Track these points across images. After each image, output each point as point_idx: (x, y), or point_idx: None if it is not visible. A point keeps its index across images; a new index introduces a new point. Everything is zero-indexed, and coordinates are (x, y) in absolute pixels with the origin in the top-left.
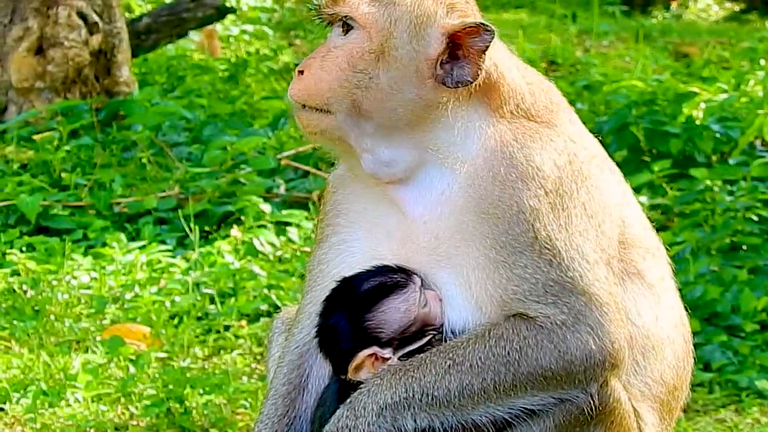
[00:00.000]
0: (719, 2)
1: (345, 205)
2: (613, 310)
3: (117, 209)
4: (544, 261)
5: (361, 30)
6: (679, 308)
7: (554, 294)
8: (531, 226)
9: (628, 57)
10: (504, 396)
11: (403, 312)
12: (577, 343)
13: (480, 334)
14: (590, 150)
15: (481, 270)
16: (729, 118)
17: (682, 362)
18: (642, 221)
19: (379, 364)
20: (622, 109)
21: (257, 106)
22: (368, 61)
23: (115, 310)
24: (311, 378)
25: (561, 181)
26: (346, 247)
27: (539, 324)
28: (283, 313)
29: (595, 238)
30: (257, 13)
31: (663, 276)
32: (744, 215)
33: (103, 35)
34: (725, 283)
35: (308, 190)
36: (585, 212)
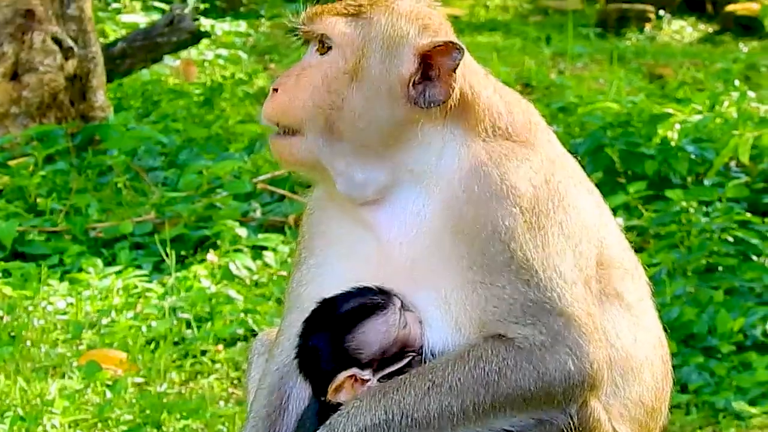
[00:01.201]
0: (693, 24)
1: (321, 228)
2: (591, 331)
3: (93, 234)
4: (522, 281)
5: (337, 49)
6: (657, 329)
7: (533, 314)
8: (507, 246)
9: (603, 79)
10: (483, 417)
11: (383, 333)
12: (556, 364)
13: (459, 356)
14: (568, 170)
15: (459, 290)
16: (704, 139)
17: (660, 383)
18: (620, 242)
19: (358, 386)
20: (597, 130)
21: (233, 130)
22: (342, 80)
23: (91, 336)
24: (291, 400)
25: (537, 200)
26: (324, 270)
27: (518, 345)
28: (262, 335)
29: (572, 258)
30: (232, 37)
31: (641, 297)
32: (720, 236)
33: (78, 60)
34: (701, 304)
35: (284, 214)
36: (562, 232)
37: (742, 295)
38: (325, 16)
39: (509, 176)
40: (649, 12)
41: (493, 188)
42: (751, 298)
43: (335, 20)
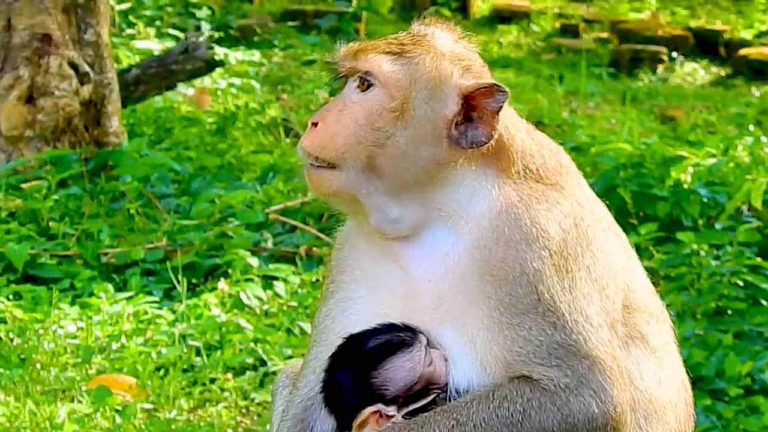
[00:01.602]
0: (705, 66)
1: (349, 262)
2: (616, 374)
3: (104, 259)
4: (548, 323)
5: (381, 88)
6: (681, 373)
7: (558, 357)
8: (535, 288)
9: (615, 119)
10: None
11: (408, 370)
12: (580, 407)
13: (484, 395)
14: (597, 214)
15: (485, 330)
16: (716, 182)
17: (683, 426)
18: (646, 286)
19: (383, 421)
20: (609, 170)
21: (245, 160)
22: (387, 119)
23: (101, 360)
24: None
25: (566, 244)
26: (350, 305)
27: (543, 386)
28: (288, 368)
29: (599, 302)
30: (245, 66)
31: (666, 340)
32: (730, 280)
33: (93, 85)
34: (710, 347)
35: (296, 244)
36: (589, 275)
37: (751, 339)
38: (369, 54)
39: (539, 219)
40: (662, 53)
41: (524, 231)
42: (760, 343)
43: (380, 58)
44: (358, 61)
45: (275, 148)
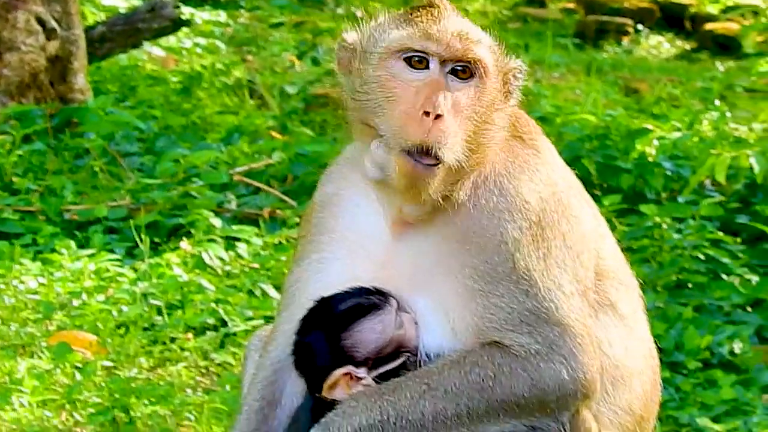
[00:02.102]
0: (670, 40)
1: (331, 224)
2: (586, 342)
3: (67, 216)
4: (521, 291)
5: (485, 78)
6: (649, 341)
7: (529, 324)
8: (511, 257)
9: (579, 89)
10: (477, 422)
11: (378, 333)
12: (551, 373)
13: (455, 361)
14: (569, 180)
15: (459, 297)
16: (681, 156)
17: (649, 394)
18: (616, 253)
19: (353, 383)
20: (574, 142)
21: (210, 120)
22: (490, 110)
23: (61, 317)
24: (285, 394)
25: (544, 213)
26: (325, 266)
27: (514, 353)
28: (259, 331)
29: (572, 269)
30: (210, 27)
31: (635, 308)
32: (691, 254)
33: (60, 42)
34: (670, 320)
35: (259, 206)
36: (564, 243)
37: (711, 313)
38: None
39: (522, 189)
40: (627, 25)
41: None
42: (719, 317)
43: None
44: (468, 49)
45: (240, 110)
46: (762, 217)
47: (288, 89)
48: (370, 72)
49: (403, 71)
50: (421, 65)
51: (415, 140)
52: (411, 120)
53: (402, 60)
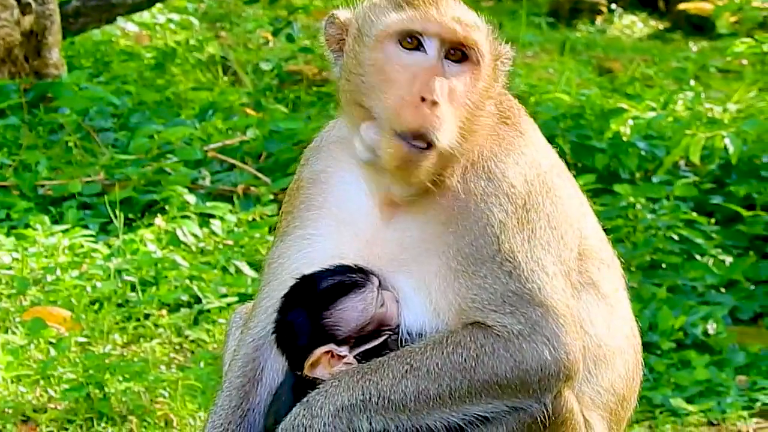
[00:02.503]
0: (644, 20)
1: (319, 201)
2: (569, 322)
3: (41, 191)
4: (504, 272)
5: (478, 63)
6: (631, 320)
7: (512, 304)
8: (496, 239)
9: (552, 69)
10: (459, 402)
11: (360, 311)
12: (533, 353)
13: (438, 341)
14: (551, 159)
15: (442, 279)
16: (655, 136)
17: (631, 373)
18: (598, 233)
19: (335, 362)
20: (549, 121)
21: (184, 96)
22: (483, 96)
23: (35, 292)
24: (266, 371)
25: (530, 195)
26: (311, 243)
27: (496, 333)
28: (241, 307)
29: (556, 250)
30: (184, 2)
31: (617, 288)
32: (665, 234)
33: (35, 16)
34: (644, 301)
35: (233, 183)
36: (549, 224)
37: (685, 293)
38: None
39: (509, 173)
40: (601, 5)
41: (496, 184)
42: (693, 297)
43: (483, 33)
44: (467, 33)
45: (214, 86)
46: (736, 198)
47: (262, 66)
48: (365, 53)
49: (400, 54)
50: (418, 49)
51: (411, 125)
52: (407, 105)
53: (399, 43)
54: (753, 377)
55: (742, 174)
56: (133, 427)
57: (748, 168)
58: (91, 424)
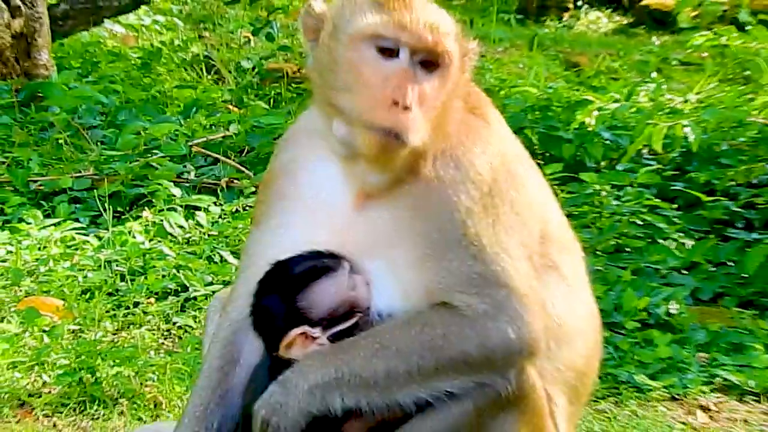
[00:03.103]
0: (608, 15)
1: (290, 190)
2: (531, 302)
3: (34, 187)
4: (470, 256)
5: (448, 67)
6: (591, 301)
7: (477, 286)
8: (463, 224)
9: (522, 63)
10: (427, 379)
11: (332, 294)
12: (498, 332)
13: (407, 321)
14: (516, 147)
15: (411, 263)
16: (619, 126)
17: (591, 351)
18: (559, 217)
19: (309, 343)
20: (518, 113)
21: (169, 94)
22: (451, 95)
23: (29, 283)
24: (243, 353)
25: (495, 183)
26: (284, 231)
27: (462, 313)
28: (220, 293)
29: (519, 235)
30: (169, 4)
31: (577, 270)
32: (629, 219)
33: (24, 19)
34: (609, 283)
35: (217, 176)
36: (512, 209)
37: (648, 275)
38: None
39: (476, 162)
40: (567, 2)
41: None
42: (656, 279)
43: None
44: (438, 41)
45: (198, 84)
46: (697, 184)
47: (243, 64)
48: (339, 51)
49: (373, 57)
50: (391, 54)
51: (384, 124)
52: (380, 105)
53: (373, 46)
54: (713, 354)
55: (702, 161)
56: (124, 409)
57: (708, 155)
58: (83, 407)
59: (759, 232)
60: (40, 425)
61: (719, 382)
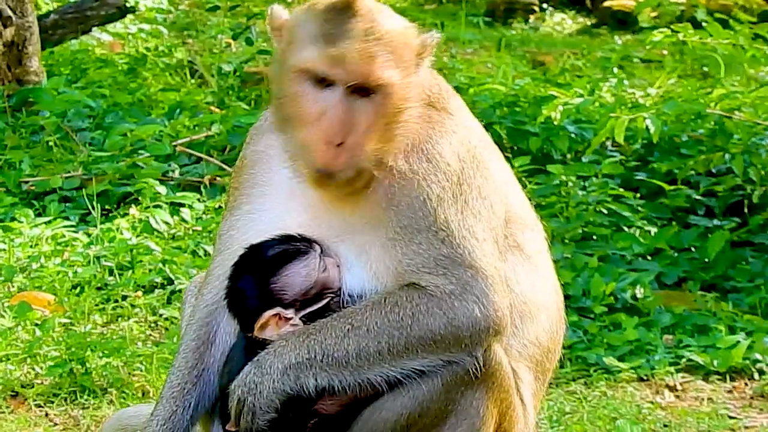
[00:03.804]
0: (573, 17)
1: (262, 178)
2: (497, 282)
3: (25, 187)
4: (438, 239)
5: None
6: (554, 279)
7: (445, 267)
8: (433, 211)
9: (490, 63)
10: (397, 358)
11: (304, 276)
12: (464, 311)
13: (376, 302)
14: (479, 134)
15: (381, 248)
16: (583, 120)
17: (555, 327)
18: (521, 199)
19: (282, 323)
20: (486, 109)
21: (154, 98)
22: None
23: (22, 279)
24: (219, 334)
25: (462, 170)
26: (257, 217)
27: (430, 293)
28: (196, 277)
29: (486, 218)
30: (154, 13)
31: (540, 249)
32: (595, 208)
33: (15, 28)
34: (577, 269)
35: (200, 174)
36: (479, 194)
37: (614, 262)
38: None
39: (444, 153)
40: (533, 4)
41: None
42: (622, 265)
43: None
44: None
45: (182, 87)
46: (659, 174)
47: (225, 68)
48: (284, 82)
49: (309, 89)
50: (328, 84)
51: (318, 165)
52: (315, 145)
53: (309, 79)
54: (678, 336)
55: (663, 152)
56: (113, 398)
57: (669, 146)
58: (74, 397)
59: (719, 219)
60: (33, 415)
61: (685, 362)
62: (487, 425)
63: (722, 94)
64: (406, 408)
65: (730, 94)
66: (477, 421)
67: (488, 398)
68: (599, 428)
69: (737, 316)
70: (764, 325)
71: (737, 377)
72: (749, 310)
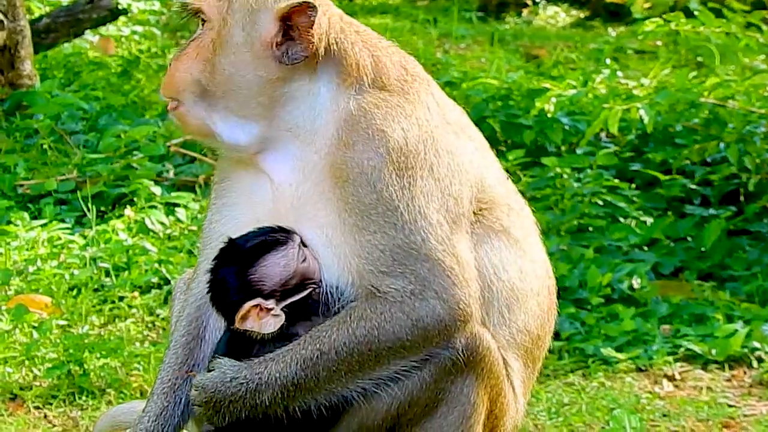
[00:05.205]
0: (566, 10)
1: (230, 173)
2: (456, 272)
3: (20, 191)
4: (389, 224)
5: (208, 22)
6: (545, 262)
7: (401, 263)
8: (374, 186)
9: (484, 58)
10: (370, 371)
11: (282, 266)
12: (427, 311)
13: (341, 320)
14: (447, 117)
15: (338, 231)
16: (577, 112)
17: (545, 312)
18: (504, 182)
19: (263, 314)
20: (480, 103)
21: (148, 99)
22: (210, 49)
23: (19, 282)
24: (208, 329)
25: (406, 143)
26: (231, 210)
27: (391, 299)
28: (185, 274)
29: (440, 200)
30: (146, 15)
31: (528, 233)
32: (590, 200)
33: (8, 32)
34: (573, 261)
35: (195, 174)
36: (431, 174)
37: (610, 252)
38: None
39: (376, 121)
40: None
41: (362, 133)
42: (618, 256)
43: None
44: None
45: None
46: (653, 164)
47: None
48: None
49: None
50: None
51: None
52: None
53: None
54: (676, 325)
55: (657, 142)
56: (112, 399)
57: (663, 136)
58: (73, 398)
59: (715, 208)
60: (32, 417)
61: (683, 352)
62: (478, 412)
63: (716, 83)
64: (395, 399)
65: (723, 82)
66: (468, 408)
67: (478, 385)
68: (598, 419)
69: (735, 304)
70: (762, 313)
71: (735, 366)
72: (746, 299)
